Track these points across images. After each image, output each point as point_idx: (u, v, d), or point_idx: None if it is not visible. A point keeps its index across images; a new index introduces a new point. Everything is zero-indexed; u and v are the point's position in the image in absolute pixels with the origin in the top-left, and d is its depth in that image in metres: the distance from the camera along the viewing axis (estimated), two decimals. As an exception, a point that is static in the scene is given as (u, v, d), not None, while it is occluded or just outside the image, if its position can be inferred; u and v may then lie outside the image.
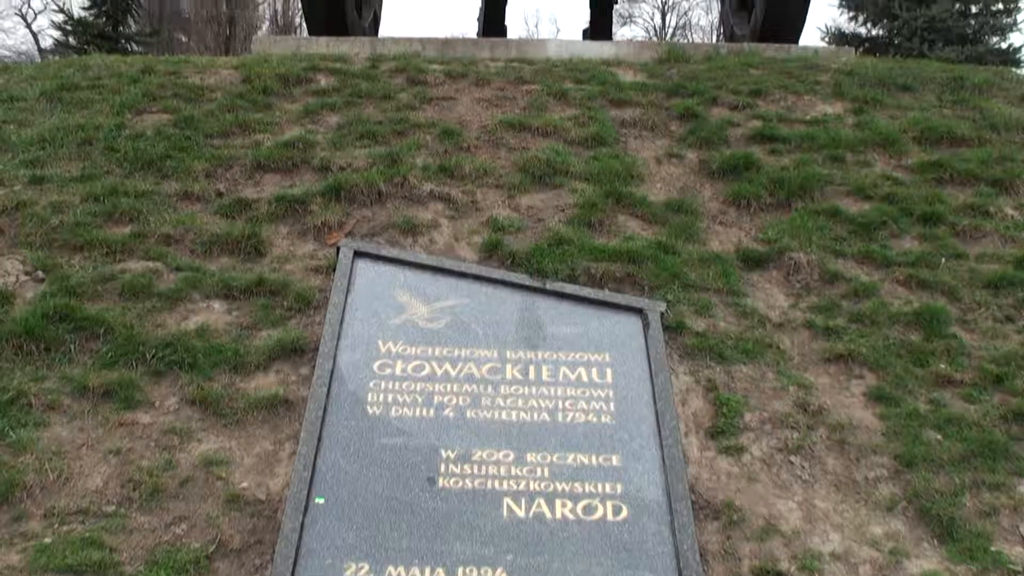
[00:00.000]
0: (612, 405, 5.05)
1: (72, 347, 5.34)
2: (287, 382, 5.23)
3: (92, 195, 6.49)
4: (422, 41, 9.41)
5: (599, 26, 12.26)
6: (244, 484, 4.72)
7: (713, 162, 7.16)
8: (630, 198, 6.68)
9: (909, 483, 4.88)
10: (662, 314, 5.64)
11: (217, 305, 5.72)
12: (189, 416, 5.04)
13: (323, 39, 9.34)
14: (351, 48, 9.05)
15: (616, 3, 12.46)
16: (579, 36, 13.37)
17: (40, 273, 5.86)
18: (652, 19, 65.65)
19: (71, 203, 6.43)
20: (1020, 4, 25.66)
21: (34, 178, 6.69)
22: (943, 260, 6.32)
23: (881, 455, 5.03)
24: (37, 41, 54.38)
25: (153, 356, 5.31)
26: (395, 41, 9.39)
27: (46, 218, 6.27)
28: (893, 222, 6.62)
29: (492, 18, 12.11)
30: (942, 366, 5.55)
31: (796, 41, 10.11)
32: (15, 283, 5.75)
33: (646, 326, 5.52)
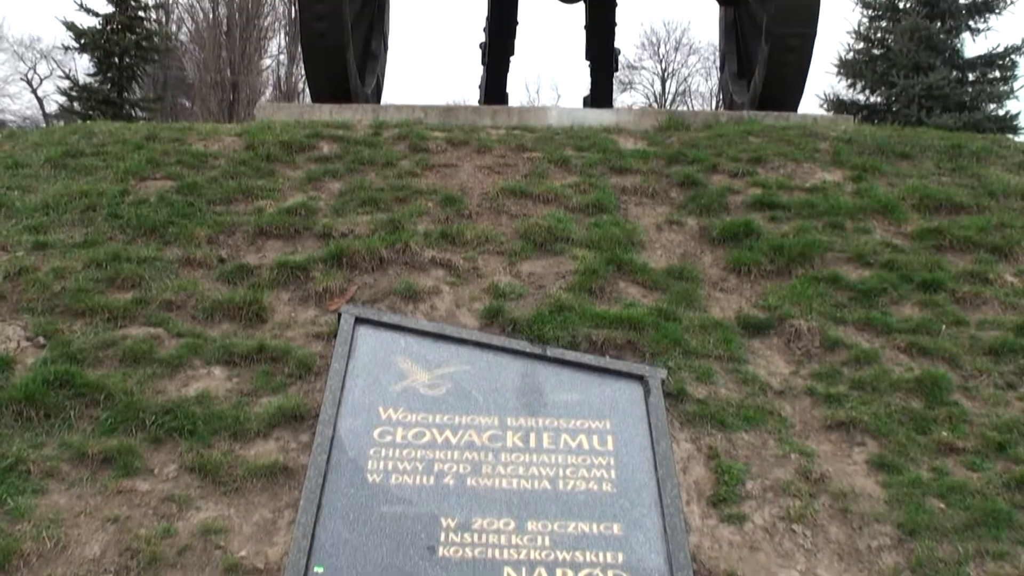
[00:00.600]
0: (613, 473, 5.03)
1: (72, 413, 5.33)
2: (287, 449, 5.21)
3: (94, 261, 6.52)
4: (424, 108, 9.49)
5: (600, 94, 12.37)
6: (243, 553, 4.68)
7: (713, 229, 7.19)
8: (631, 265, 6.70)
9: (912, 552, 4.84)
10: (663, 381, 5.63)
11: (218, 371, 5.72)
12: (188, 483, 5.02)
13: (326, 106, 9.43)
14: (354, 115, 9.13)
15: (616, 71, 12.58)
16: (580, 103, 13.50)
17: (41, 339, 5.87)
18: (652, 86, 66.21)
19: (73, 269, 6.45)
20: (1016, 72, 25.93)
21: (37, 244, 6.72)
22: (944, 327, 6.32)
23: (884, 524, 5.00)
24: (42, 106, 54.84)
25: (153, 423, 5.29)
26: (397, 108, 9.48)
27: (48, 284, 6.28)
28: (893, 289, 6.63)
29: (493, 86, 12.23)
30: (944, 433, 5.53)
31: (795, 109, 10.20)
32: (16, 349, 5.75)
33: (647, 393, 5.51)
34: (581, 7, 11.14)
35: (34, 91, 55.80)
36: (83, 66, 29.91)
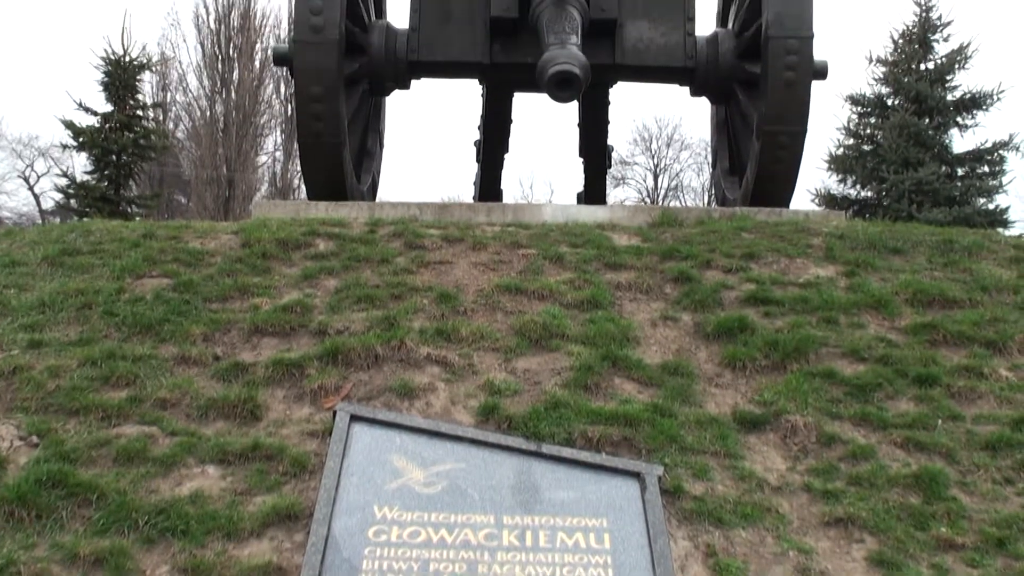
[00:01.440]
0: (611, 572, 4.98)
1: (64, 514, 5.28)
2: (281, 549, 5.16)
3: (89, 359, 6.52)
4: (419, 206, 9.58)
5: (593, 190, 12.48)
6: (235, 656, 4.62)
7: (708, 324, 7.22)
8: (626, 361, 6.71)
9: (915, 652, 4.78)
10: (660, 478, 5.61)
11: (212, 470, 5.68)
12: (181, 585, 4.96)
13: (322, 204, 9.50)
14: (350, 212, 9.20)
15: (610, 168, 12.71)
16: (573, 199, 13.61)
17: (35, 438, 5.84)
18: (644, 180, 66.81)
19: (68, 367, 6.44)
20: (1005, 167, 26.24)
21: (32, 342, 6.72)
22: (940, 422, 6.31)
23: (885, 623, 4.94)
24: (39, 203, 55.16)
25: (146, 523, 5.25)
26: (393, 206, 9.57)
27: (43, 382, 6.28)
28: (888, 384, 6.64)
29: (488, 183, 12.35)
30: (943, 529, 5.49)
31: (787, 204, 10.30)
32: (9, 448, 5.72)
33: (644, 490, 5.48)
34: (574, 105, 11.29)
35: (31, 188, 56.20)
36: (80, 164, 30.16)
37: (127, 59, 25.96)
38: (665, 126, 65.27)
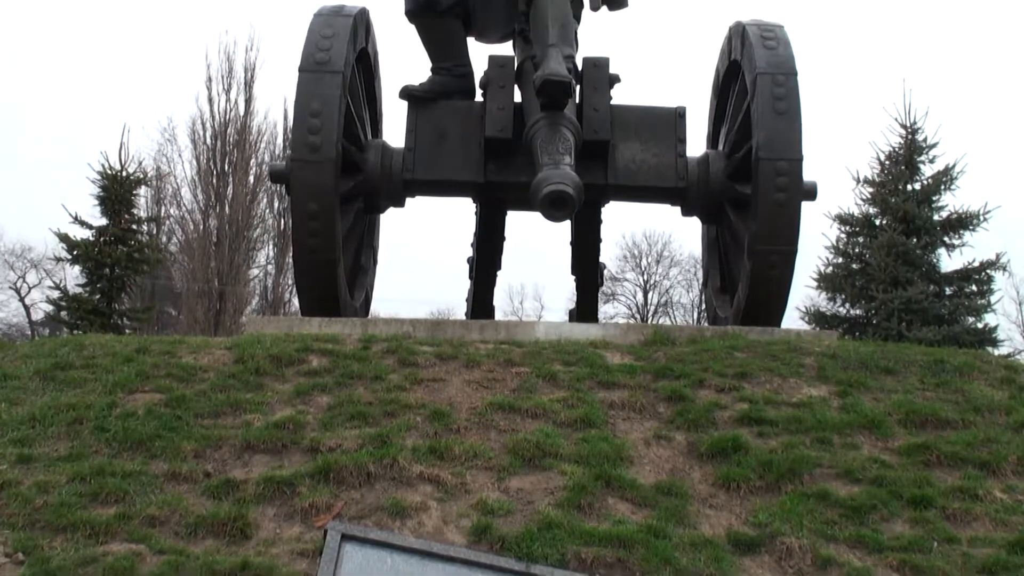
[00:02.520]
0: None
1: (49, 635, 5.20)
2: (269, 673, 5.07)
3: (78, 475, 6.47)
4: (413, 322, 9.60)
5: (585, 308, 12.52)
6: None
7: (701, 444, 7.20)
8: (620, 481, 6.67)
9: None
10: (654, 601, 5.54)
11: (200, 590, 5.61)
12: None
13: (316, 320, 9.53)
14: (343, 329, 9.22)
15: (601, 286, 12.77)
16: (565, 315, 13.64)
17: (21, 555, 5.76)
18: (634, 297, 67.21)
19: (57, 483, 6.39)
20: (993, 286, 26.45)
21: (21, 457, 6.68)
22: (935, 544, 6.27)
23: None
24: (29, 315, 55.26)
25: (132, 644, 5.16)
26: (386, 322, 9.58)
27: (30, 498, 6.22)
28: (883, 505, 6.60)
29: (481, 300, 12.39)
30: (942, 656, 5.42)
31: (779, 323, 10.35)
32: (-5, 566, 5.65)
33: (638, 614, 5.41)
34: (567, 224, 11.40)
35: (22, 299, 56.29)
36: (73, 275, 30.26)
37: (124, 174, 26.24)
38: (655, 243, 65.74)
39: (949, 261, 26.72)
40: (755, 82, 9.99)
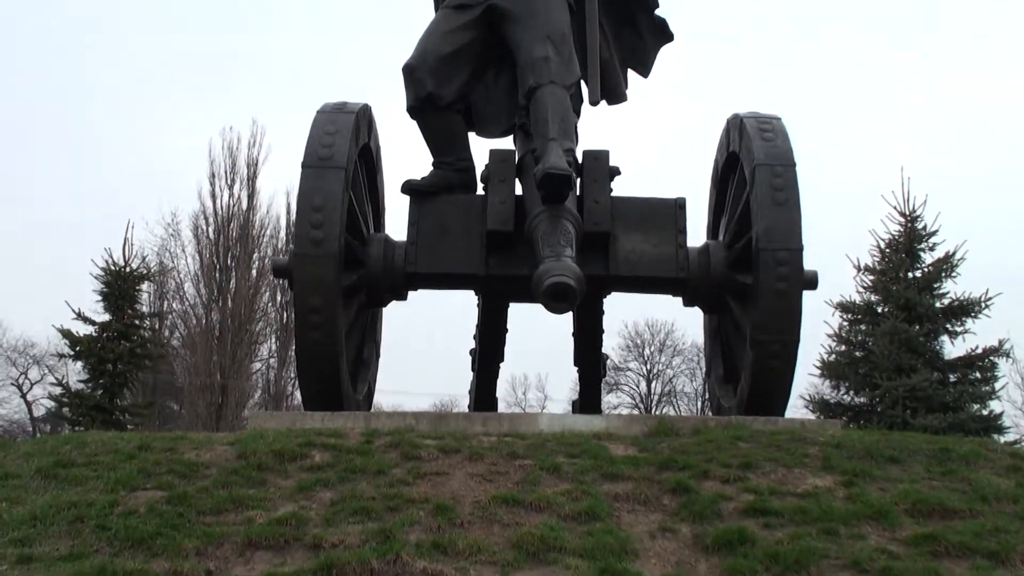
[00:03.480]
0: None
1: None
2: None
3: (79, 574, 6.40)
4: (415, 415, 9.58)
5: (589, 399, 12.51)
6: None
7: (707, 536, 7.14)
8: (625, 574, 6.60)
9: None
10: None
11: None
12: None
13: (318, 414, 9.52)
14: (345, 423, 9.20)
15: (604, 376, 12.77)
16: (568, 406, 13.61)
17: (20, 658, 5.69)
18: (638, 386, 67.13)
19: (58, 583, 6.33)
20: (997, 373, 26.41)
21: (22, 557, 6.62)
22: (947, 637, 6.19)
23: None
24: (30, 411, 55.19)
25: None
26: (389, 415, 9.56)
27: (31, 599, 6.16)
28: (893, 597, 6.53)
29: (483, 392, 12.39)
30: None
31: (782, 413, 10.32)
32: (-7, 669, 5.58)
33: None
34: (569, 315, 11.43)
35: (23, 396, 56.23)
36: (75, 371, 30.28)
37: (128, 270, 26.39)
38: (657, 332, 65.88)
39: (952, 348, 26.73)
40: (754, 173, 10.09)
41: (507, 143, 11.40)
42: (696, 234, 11.19)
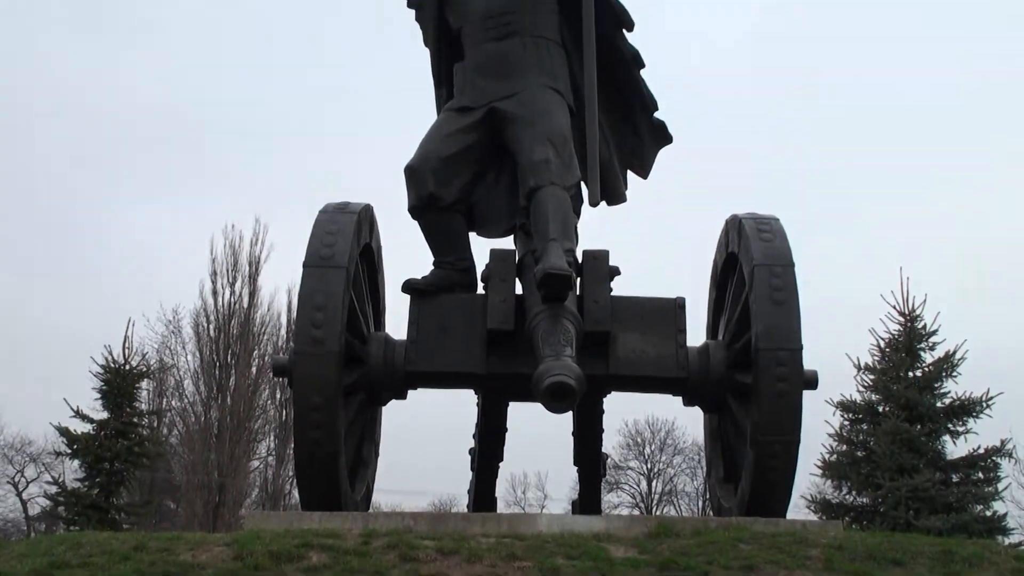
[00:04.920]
0: None
1: None
2: None
3: None
4: (414, 516, 9.51)
5: (588, 500, 12.43)
6: None
7: (709, 641, 7.05)
8: None
9: None
10: None
11: None
12: None
13: (316, 514, 9.44)
14: (343, 523, 9.12)
15: (604, 476, 12.70)
16: (568, 505, 13.51)
17: None
18: (638, 485, 66.63)
19: None
20: (1000, 473, 26.24)
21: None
22: None
23: None
24: (26, 509, 54.69)
25: None
26: (387, 516, 9.48)
27: None
28: None
29: (482, 492, 12.32)
30: None
31: (783, 513, 10.24)
32: None
33: None
34: (569, 414, 11.40)
35: (19, 494, 55.79)
36: (72, 469, 30.10)
37: (127, 367, 26.38)
38: (658, 431, 65.61)
39: (954, 448, 26.61)
40: (752, 273, 10.15)
41: (508, 243, 11.49)
42: (696, 334, 11.23)
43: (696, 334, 11.56)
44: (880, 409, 27.07)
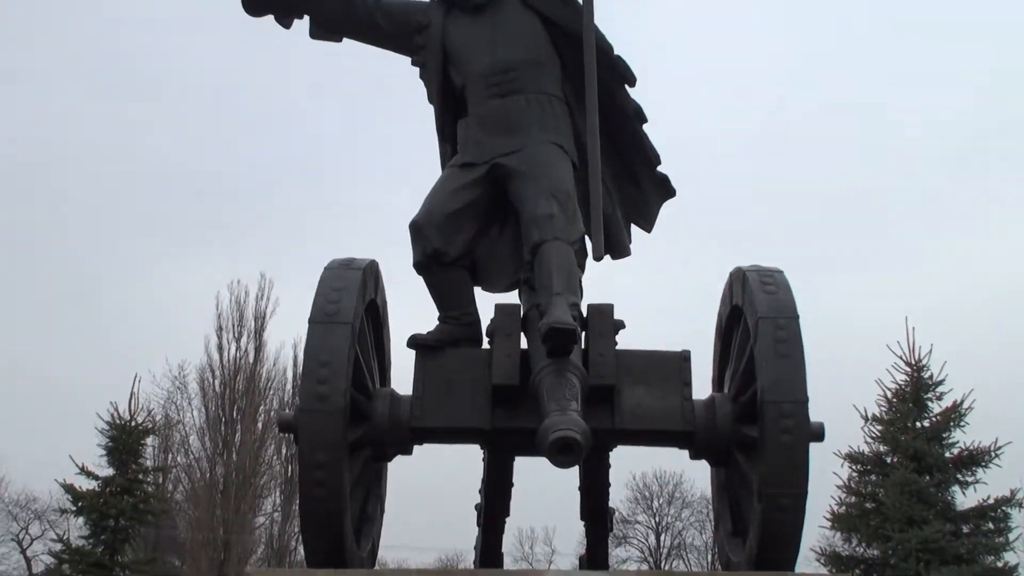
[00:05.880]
0: None
1: None
2: None
3: None
4: (420, 572, 9.49)
5: (596, 554, 12.33)
6: None
7: None
8: None
9: None
10: None
11: None
12: None
13: (321, 571, 9.39)
14: (348, 581, 9.07)
15: (611, 531, 12.61)
16: (575, 560, 13.40)
17: None
18: (647, 539, 66.18)
19: None
20: (1011, 523, 26.08)
21: None
22: None
23: None
24: (30, 567, 54.39)
25: None
26: (393, 573, 9.43)
27: None
28: None
29: (489, 547, 12.22)
30: None
31: (792, 567, 10.15)
32: None
33: None
34: (575, 469, 11.35)
35: (23, 551, 55.50)
36: (77, 526, 29.97)
37: (133, 424, 26.37)
38: (666, 484, 65.33)
39: (964, 498, 26.47)
40: (757, 326, 10.13)
41: (512, 297, 11.50)
42: (702, 386, 11.19)
43: (702, 387, 11.55)
44: (888, 460, 26.98)
